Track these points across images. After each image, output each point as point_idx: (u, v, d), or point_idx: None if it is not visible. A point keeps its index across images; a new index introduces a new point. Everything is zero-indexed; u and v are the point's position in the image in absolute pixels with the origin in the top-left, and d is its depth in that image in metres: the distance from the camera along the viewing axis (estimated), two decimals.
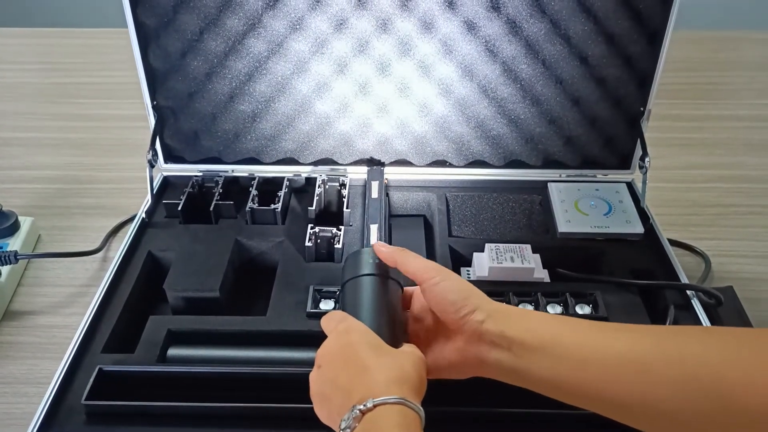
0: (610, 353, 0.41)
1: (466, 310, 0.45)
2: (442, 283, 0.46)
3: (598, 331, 0.43)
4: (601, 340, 0.42)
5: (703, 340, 0.40)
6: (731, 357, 0.37)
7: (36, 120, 1.01)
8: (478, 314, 0.44)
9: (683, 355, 0.38)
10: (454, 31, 0.69)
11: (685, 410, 0.38)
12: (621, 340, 0.41)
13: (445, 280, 0.46)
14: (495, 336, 0.44)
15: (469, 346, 0.45)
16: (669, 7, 0.66)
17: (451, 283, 0.46)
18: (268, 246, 0.69)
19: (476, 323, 0.44)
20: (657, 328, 0.44)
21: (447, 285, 0.46)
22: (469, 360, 0.45)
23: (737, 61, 1.19)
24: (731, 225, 0.80)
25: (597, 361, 0.41)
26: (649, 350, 0.40)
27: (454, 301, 0.45)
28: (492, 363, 0.44)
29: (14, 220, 0.74)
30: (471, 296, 0.45)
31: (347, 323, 0.46)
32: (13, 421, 0.58)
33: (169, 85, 0.72)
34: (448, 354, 0.46)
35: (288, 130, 0.76)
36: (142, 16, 0.68)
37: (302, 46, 0.70)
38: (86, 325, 0.59)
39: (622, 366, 0.40)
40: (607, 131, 0.75)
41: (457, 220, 0.73)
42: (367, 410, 0.39)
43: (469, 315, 0.44)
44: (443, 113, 0.74)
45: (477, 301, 0.45)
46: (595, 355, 0.41)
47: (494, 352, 0.44)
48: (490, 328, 0.44)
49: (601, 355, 0.41)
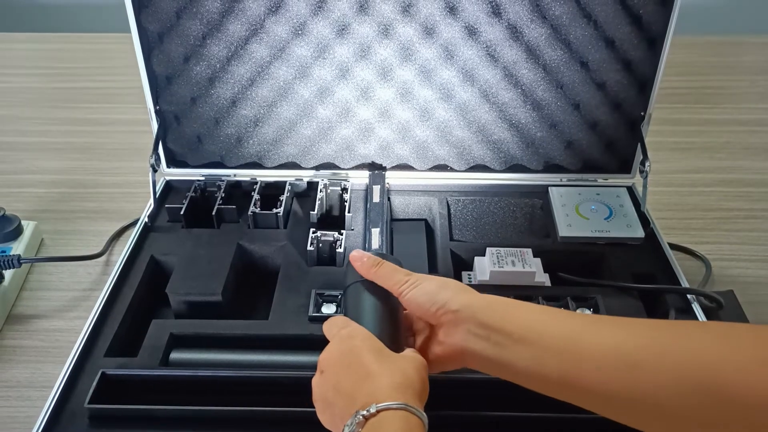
0: (598, 345, 0.40)
1: (438, 304, 0.45)
2: (414, 290, 0.47)
3: (586, 323, 0.42)
4: (589, 331, 0.40)
5: (697, 334, 0.39)
6: (726, 351, 0.37)
7: (39, 124, 1.02)
8: (452, 304, 0.45)
9: (677, 349, 0.37)
10: (455, 36, 0.69)
11: (677, 405, 0.37)
12: (611, 333, 0.40)
13: (416, 286, 0.47)
14: (473, 326, 0.44)
15: (448, 337, 0.45)
16: (669, 11, 0.66)
17: (425, 284, 0.47)
18: (270, 250, 0.69)
19: (451, 313, 0.45)
20: (649, 321, 0.42)
21: (417, 290, 0.47)
22: (452, 351, 0.45)
23: (738, 66, 1.19)
24: (732, 229, 0.80)
25: (585, 354, 0.40)
26: (640, 343, 0.39)
27: (426, 300, 0.46)
28: (473, 353, 0.44)
29: (17, 224, 0.74)
30: (440, 292, 0.46)
31: (349, 328, 0.46)
32: (16, 425, 0.58)
33: (172, 90, 0.73)
34: (434, 348, 0.47)
35: (290, 135, 0.76)
36: (146, 22, 0.68)
37: (304, 51, 0.71)
38: (89, 329, 0.59)
39: (612, 359, 0.39)
40: (608, 135, 0.75)
41: (459, 225, 0.73)
42: (371, 416, 0.39)
43: (442, 308, 0.45)
44: (444, 118, 0.74)
45: (449, 293, 0.46)
46: (582, 347, 0.40)
47: (474, 342, 0.44)
48: (467, 317, 0.44)
49: (588, 346, 0.40)
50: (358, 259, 0.50)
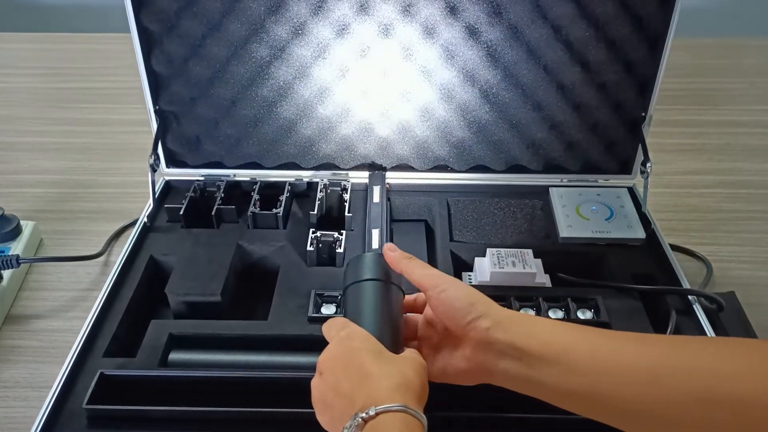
0: (620, 363, 0.40)
1: (471, 316, 0.44)
2: (447, 291, 0.46)
3: (608, 340, 0.42)
4: (611, 349, 0.41)
5: (715, 350, 0.39)
6: (744, 368, 0.37)
7: (39, 124, 1.02)
8: (483, 321, 0.44)
9: (695, 366, 0.38)
10: (455, 36, 0.69)
11: (696, 420, 0.37)
12: (631, 350, 0.41)
13: (450, 288, 0.46)
14: (503, 345, 0.43)
15: (477, 354, 0.44)
16: (670, 13, 0.66)
17: (456, 290, 0.46)
18: (270, 250, 0.69)
19: (482, 330, 0.44)
20: (668, 337, 0.43)
21: (452, 293, 0.46)
22: (477, 368, 0.45)
23: (737, 67, 1.19)
24: (732, 230, 0.80)
25: (608, 372, 0.40)
26: (659, 360, 0.39)
27: (459, 308, 0.45)
28: (500, 372, 0.44)
29: (16, 224, 0.74)
30: (476, 303, 0.45)
31: (349, 330, 0.46)
32: (14, 425, 0.58)
33: (171, 90, 0.73)
34: (456, 361, 0.46)
35: (290, 135, 0.76)
36: (145, 22, 0.68)
37: (304, 51, 0.71)
38: (88, 329, 0.59)
39: (633, 376, 0.40)
40: (609, 136, 0.75)
41: (459, 225, 0.73)
42: (370, 418, 0.39)
43: (474, 322, 0.44)
44: (445, 118, 0.74)
45: (482, 308, 0.45)
46: (605, 365, 0.41)
47: (502, 362, 0.44)
48: (498, 337, 0.44)
49: (612, 365, 0.41)
50: (390, 249, 0.51)
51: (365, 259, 0.52)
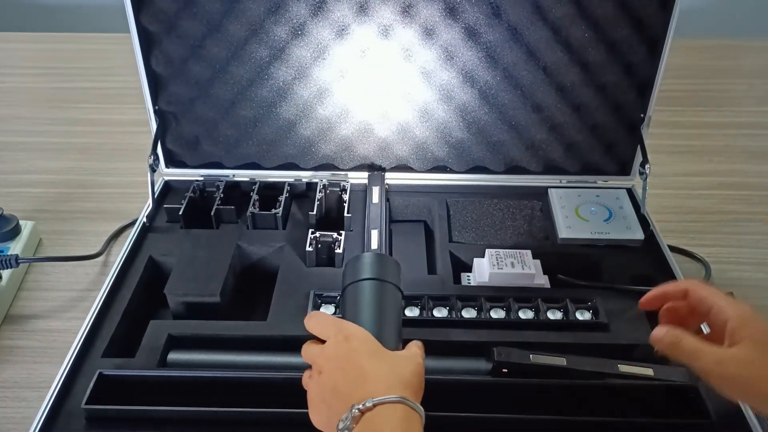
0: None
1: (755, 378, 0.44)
2: (726, 368, 0.45)
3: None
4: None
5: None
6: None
7: (38, 125, 1.01)
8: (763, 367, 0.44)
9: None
10: (455, 37, 0.69)
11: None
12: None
13: (722, 361, 0.45)
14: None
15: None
16: (669, 14, 0.66)
17: (733, 358, 0.45)
18: (269, 251, 0.69)
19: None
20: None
21: (731, 368, 0.45)
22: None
23: (737, 69, 1.19)
24: (731, 232, 0.80)
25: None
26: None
27: (744, 381, 0.44)
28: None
29: (15, 224, 0.74)
30: (755, 361, 0.44)
31: (348, 330, 0.46)
32: (12, 426, 0.58)
33: (170, 90, 0.73)
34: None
35: (289, 136, 0.76)
36: (145, 22, 0.68)
37: (304, 52, 0.71)
38: (87, 330, 0.59)
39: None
40: (608, 138, 0.75)
41: (458, 226, 0.73)
42: (367, 409, 0.39)
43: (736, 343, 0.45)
44: (444, 119, 0.74)
45: (749, 332, 0.45)
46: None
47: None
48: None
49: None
50: (659, 336, 0.48)
51: (364, 258, 0.52)
